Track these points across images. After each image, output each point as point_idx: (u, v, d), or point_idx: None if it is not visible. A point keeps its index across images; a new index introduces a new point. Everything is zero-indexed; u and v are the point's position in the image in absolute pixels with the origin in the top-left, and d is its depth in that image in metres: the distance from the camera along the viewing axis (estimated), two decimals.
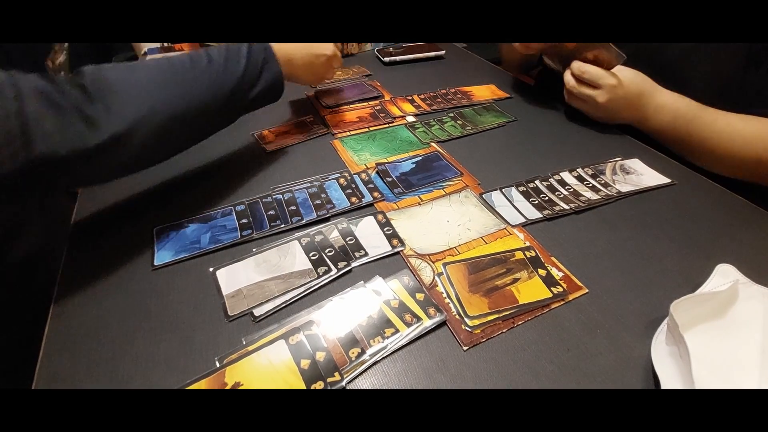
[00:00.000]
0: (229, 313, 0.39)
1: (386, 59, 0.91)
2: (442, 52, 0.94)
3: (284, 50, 0.54)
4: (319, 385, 0.33)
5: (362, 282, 0.42)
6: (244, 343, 0.36)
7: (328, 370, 0.34)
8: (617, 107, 0.61)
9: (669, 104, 0.59)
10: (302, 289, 0.41)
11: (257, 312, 0.39)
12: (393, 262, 0.44)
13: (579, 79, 0.62)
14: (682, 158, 0.60)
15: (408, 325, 0.37)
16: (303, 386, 0.33)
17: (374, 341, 0.36)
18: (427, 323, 0.38)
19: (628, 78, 0.60)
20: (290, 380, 0.34)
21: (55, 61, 0.52)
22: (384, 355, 0.35)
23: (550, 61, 0.72)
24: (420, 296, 0.40)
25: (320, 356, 0.35)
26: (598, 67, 0.60)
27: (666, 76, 0.59)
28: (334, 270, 0.43)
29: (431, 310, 0.39)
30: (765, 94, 0.56)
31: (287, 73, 0.54)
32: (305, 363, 0.35)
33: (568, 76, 0.64)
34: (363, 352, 0.35)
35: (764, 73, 0.56)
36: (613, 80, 0.59)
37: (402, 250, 0.45)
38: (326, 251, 0.45)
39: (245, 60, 0.49)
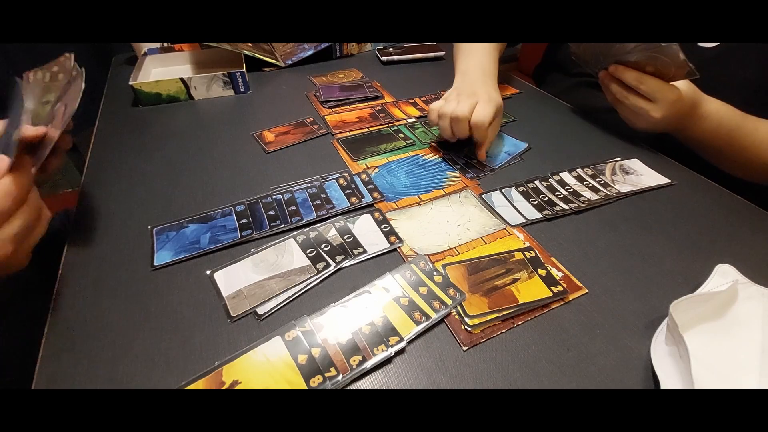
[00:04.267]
0: (231, 314, 0.39)
1: (384, 59, 0.91)
2: (442, 53, 0.94)
3: None
4: (318, 380, 0.33)
5: (366, 286, 0.41)
6: (247, 342, 0.36)
7: (325, 365, 0.34)
8: (670, 122, 0.56)
9: (714, 112, 0.56)
10: (303, 285, 0.41)
11: (260, 311, 0.39)
12: (391, 260, 0.44)
13: (631, 89, 0.56)
14: (681, 158, 0.60)
15: (417, 323, 0.37)
16: (302, 381, 0.33)
17: (377, 350, 0.36)
18: (435, 318, 0.38)
19: (684, 91, 0.54)
20: (288, 376, 0.34)
21: (39, 76, 0.45)
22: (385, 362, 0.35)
23: (579, 51, 0.65)
24: (423, 290, 0.40)
25: (315, 352, 0.35)
26: (657, 79, 0.53)
27: (697, 80, 0.55)
28: (333, 264, 0.43)
29: (436, 304, 0.39)
30: None
31: None
32: (302, 358, 0.35)
33: (615, 86, 0.57)
34: (365, 359, 0.35)
35: None
36: (674, 95, 0.53)
37: (399, 247, 0.45)
38: (322, 246, 0.45)
39: None
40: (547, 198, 0.52)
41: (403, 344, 0.36)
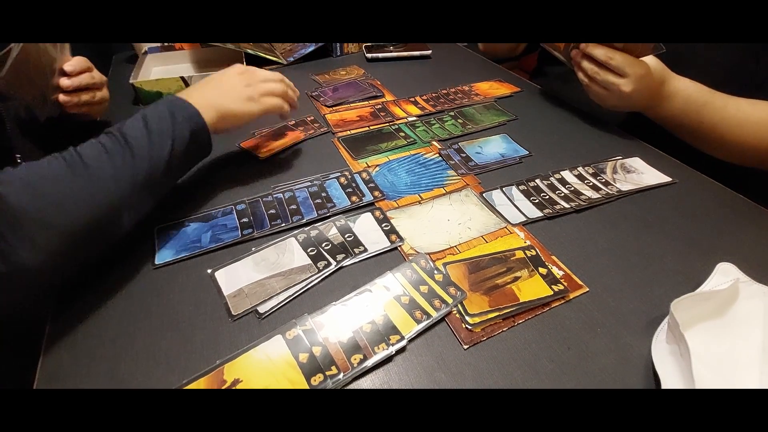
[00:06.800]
0: (232, 312, 0.39)
1: (369, 55, 0.91)
2: (428, 52, 0.93)
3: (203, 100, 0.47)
4: (319, 378, 0.33)
5: (366, 285, 0.41)
6: (248, 341, 0.36)
7: (326, 363, 0.34)
8: (640, 97, 0.58)
9: (682, 90, 0.57)
10: (304, 284, 0.41)
11: (261, 309, 0.39)
12: (392, 258, 0.44)
13: (602, 66, 0.58)
14: (682, 156, 0.60)
15: (418, 321, 0.38)
16: (303, 380, 0.33)
17: (378, 348, 0.36)
18: (436, 316, 0.38)
19: (652, 67, 0.56)
20: (290, 374, 0.34)
21: None
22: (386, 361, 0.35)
23: (551, 48, 0.69)
24: (424, 288, 0.40)
25: (316, 350, 0.35)
26: (626, 54, 0.56)
27: (669, 61, 0.57)
28: (334, 263, 0.43)
29: (437, 302, 0.39)
30: None
31: (215, 115, 0.47)
32: (304, 357, 0.35)
33: (586, 63, 0.59)
34: (365, 358, 0.35)
35: (765, 66, 0.56)
36: (642, 69, 0.55)
37: (400, 246, 0.45)
38: (323, 245, 0.45)
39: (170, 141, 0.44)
40: (547, 196, 0.52)
41: (403, 343, 0.36)
